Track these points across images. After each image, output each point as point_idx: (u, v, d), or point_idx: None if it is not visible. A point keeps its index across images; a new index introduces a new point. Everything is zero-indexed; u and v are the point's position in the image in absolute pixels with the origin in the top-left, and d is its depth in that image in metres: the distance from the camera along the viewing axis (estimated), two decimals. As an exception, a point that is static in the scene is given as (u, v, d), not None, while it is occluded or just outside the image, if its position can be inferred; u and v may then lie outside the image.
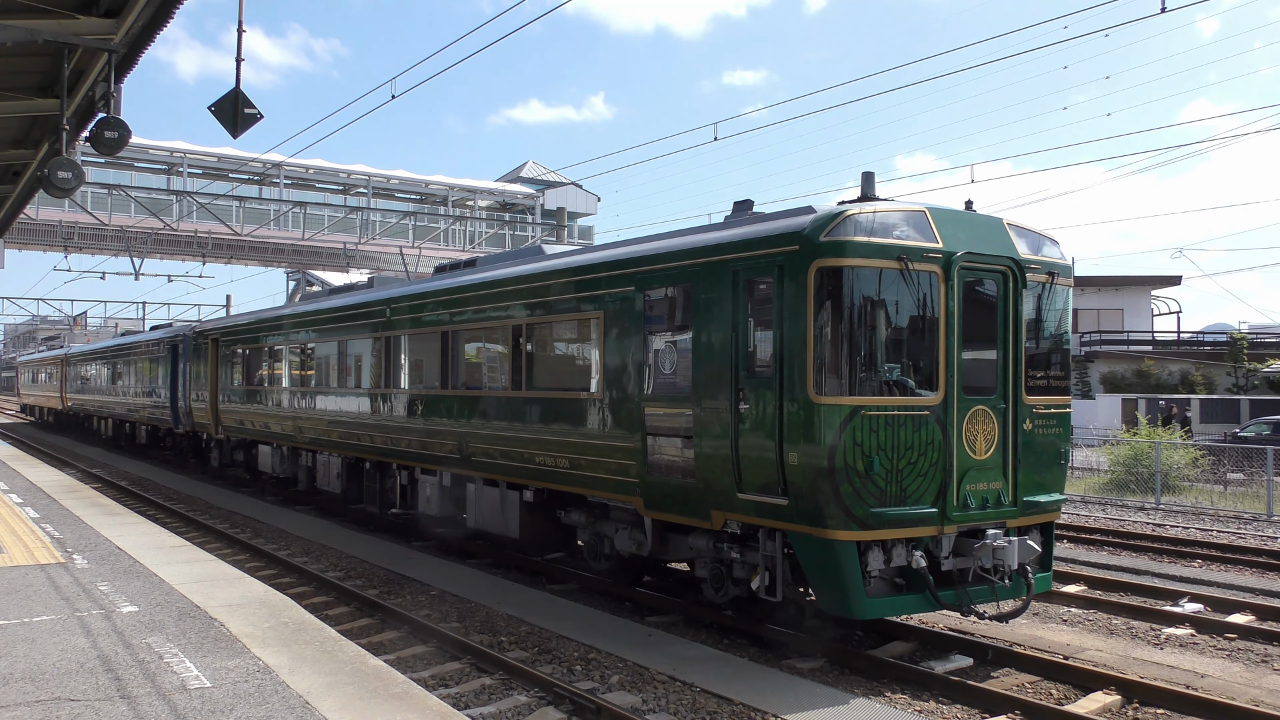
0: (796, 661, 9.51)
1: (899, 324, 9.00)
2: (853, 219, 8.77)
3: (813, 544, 8.81)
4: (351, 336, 17.67)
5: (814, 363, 8.71)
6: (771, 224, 9.49)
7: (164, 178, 44.60)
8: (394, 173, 49.19)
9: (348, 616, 11.34)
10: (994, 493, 9.28)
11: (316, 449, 19.29)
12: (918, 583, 9.01)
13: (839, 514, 8.59)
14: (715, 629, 10.69)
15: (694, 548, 10.53)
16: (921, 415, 8.89)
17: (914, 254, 8.86)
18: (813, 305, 8.73)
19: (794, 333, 8.88)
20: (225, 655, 7.09)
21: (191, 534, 17.40)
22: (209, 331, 25.67)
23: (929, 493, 8.91)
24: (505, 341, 13.18)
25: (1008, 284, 9.50)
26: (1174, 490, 24.10)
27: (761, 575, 9.49)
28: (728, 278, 9.60)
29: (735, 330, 9.50)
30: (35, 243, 37.13)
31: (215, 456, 26.23)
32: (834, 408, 8.61)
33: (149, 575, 10.09)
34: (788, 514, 8.96)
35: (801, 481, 8.78)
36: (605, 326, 11.18)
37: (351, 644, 7.74)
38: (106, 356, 38.93)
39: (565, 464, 11.85)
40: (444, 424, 14.40)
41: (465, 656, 9.50)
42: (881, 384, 8.88)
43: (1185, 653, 10.32)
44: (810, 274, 8.75)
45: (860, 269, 8.72)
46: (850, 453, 8.58)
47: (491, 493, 13.61)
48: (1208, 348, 47.85)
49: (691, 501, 10.03)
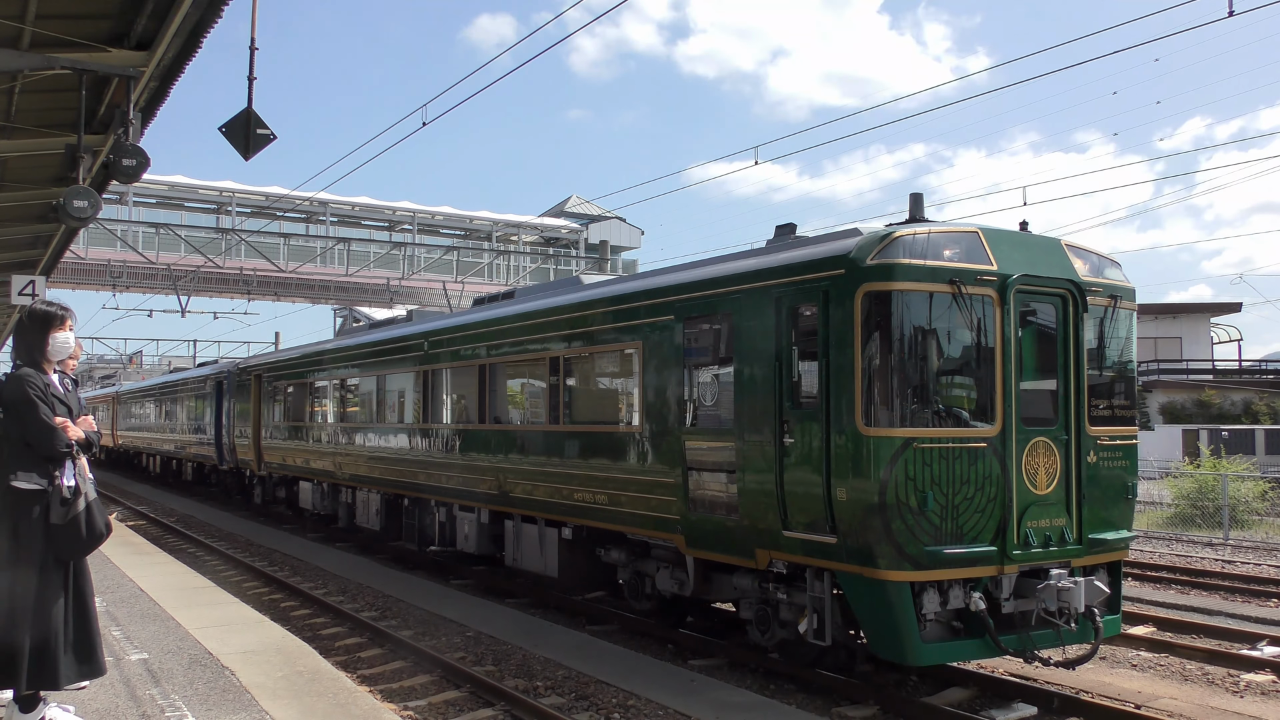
0: (847, 709, 9.00)
1: (952, 351, 8.53)
2: (901, 241, 8.34)
3: (863, 585, 8.31)
4: (389, 371, 17.46)
5: (863, 393, 8.25)
6: (815, 248, 9.08)
7: (213, 217, 45.21)
8: (438, 209, 49.38)
9: (380, 659, 11.04)
10: (1057, 530, 8.72)
11: (356, 485, 19.07)
12: (977, 626, 8.46)
13: (891, 553, 8.09)
14: (761, 673, 10.18)
15: (738, 588, 10.06)
16: (978, 448, 8.38)
17: (967, 277, 8.40)
18: (860, 332, 8.29)
19: (841, 361, 8.44)
20: (231, 709, 6.69)
21: (228, 572, 17.19)
22: (252, 368, 25.70)
23: (987, 530, 8.38)
24: (542, 374, 12.85)
25: (1067, 308, 8.99)
26: (1243, 525, 23.08)
27: (810, 618, 8.99)
28: (770, 305, 9.19)
29: (779, 359, 9.07)
30: (87, 282, 37.59)
31: (258, 493, 26.17)
32: (885, 440, 8.14)
33: (166, 619, 9.76)
34: (836, 553, 8.47)
35: (851, 518, 8.30)
36: (644, 357, 10.81)
37: (367, 696, 7.35)
38: (154, 394, 39.28)
39: (604, 500, 11.45)
40: (481, 459, 14.07)
41: (499, 703, 9.11)
42: (935, 415, 8.40)
43: (1269, 701, 9.62)
44: (857, 299, 8.32)
45: (910, 293, 8.27)
46: (903, 488, 8.09)
47: (530, 530, 13.23)
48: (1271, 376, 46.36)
49: (735, 540, 9.57)
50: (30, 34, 9.02)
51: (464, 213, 49.93)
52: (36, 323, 5.79)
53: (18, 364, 5.80)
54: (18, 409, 5.51)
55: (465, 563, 16.27)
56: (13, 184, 14.07)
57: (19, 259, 20.81)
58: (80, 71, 9.40)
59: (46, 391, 5.61)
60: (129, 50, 9.56)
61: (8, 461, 5.51)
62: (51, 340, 5.77)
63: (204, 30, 9.03)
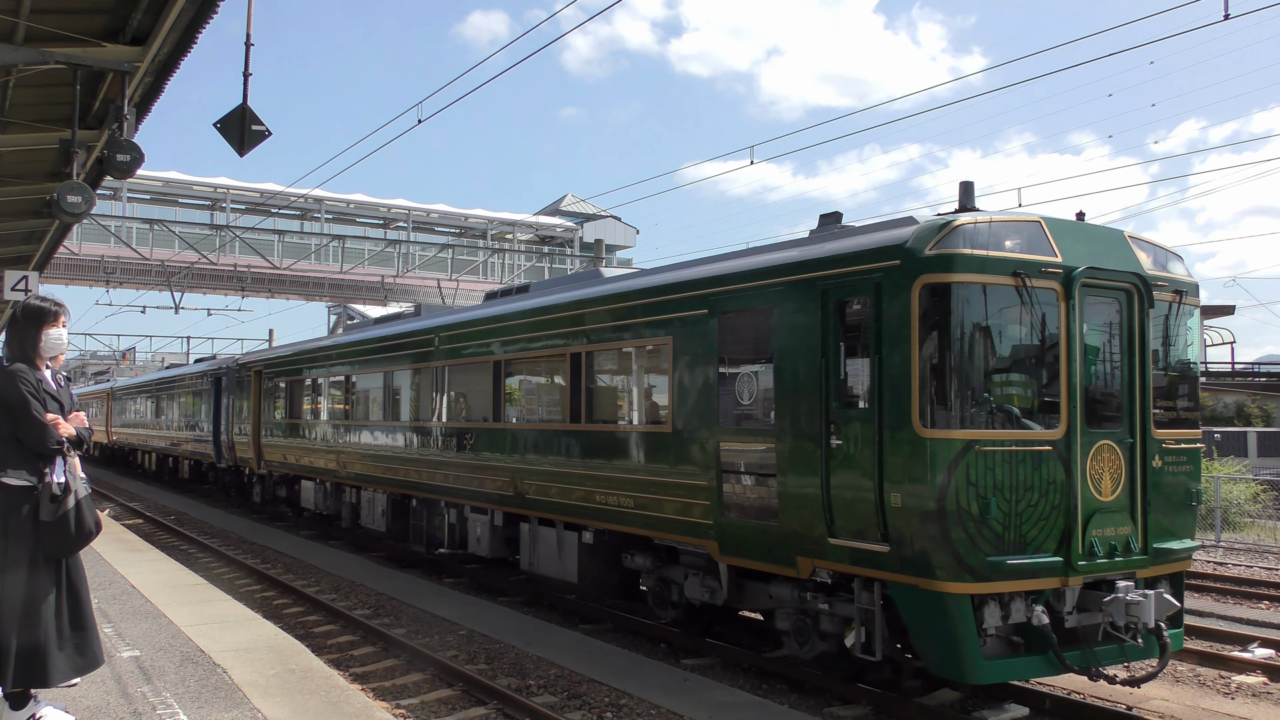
0: (839, 709, 8.95)
1: (1015, 348, 8.01)
2: (962, 230, 7.81)
3: (919, 597, 7.78)
4: (397, 367, 16.89)
5: (920, 392, 7.72)
6: (865, 238, 8.56)
7: (208, 213, 44.85)
8: (433, 206, 49.12)
9: (373, 657, 10.86)
10: (1123, 539, 8.20)
11: (360, 485, 18.50)
12: (1038, 641, 7.93)
13: (950, 563, 7.56)
14: (754, 673, 10.13)
15: (775, 597, 9.52)
16: (1042, 451, 7.86)
17: (1031, 269, 7.88)
18: (917, 327, 7.76)
19: (895, 359, 7.91)
20: (223, 706, 6.58)
21: (221, 570, 17.06)
22: (251, 364, 25.09)
23: (1051, 539, 7.86)
24: (563, 371, 12.30)
25: (1132, 304, 8.47)
26: (1234, 527, 22.88)
27: (857, 631, 8.45)
28: (815, 298, 8.66)
29: (825, 356, 8.54)
30: (80, 278, 37.24)
31: (257, 492, 25.57)
32: (944, 443, 7.61)
33: (158, 616, 9.61)
34: (888, 562, 7.95)
35: (905, 526, 7.77)
36: (675, 353, 10.27)
37: (360, 694, 7.28)
38: (150, 390, 38.65)
39: (629, 503, 10.91)
40: (496, 459, 13.52)
41: (492, 701, 8.97)
42: (997, 416, 7.87)
43: (1260, 703, 9.45)
44: (914, 292, 7.79)
45: (972, 286, 7.75)
46: (963, 494, 7.57)
47: (548, 534, 12.68)
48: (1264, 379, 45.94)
49: (774, 547, 9.04)
50: (25, 28, 8.95)
51: (459, 210, 49.76)
52: (30, 318, 5.74)
53: (8, 359, 5.74)
54: (9, 405, 5.45)
55: (480, 566, 15.73)
56: (6, 179, 14.07)
57: (12, 254, 20.87)
58: (75, 66, 9.32)
59: (39, 388, 5.56)
60: (124, 45, 9.51)
61: None
62: (45, 336, 5.73)
63: (199, 26, 8.94)
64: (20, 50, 9.09)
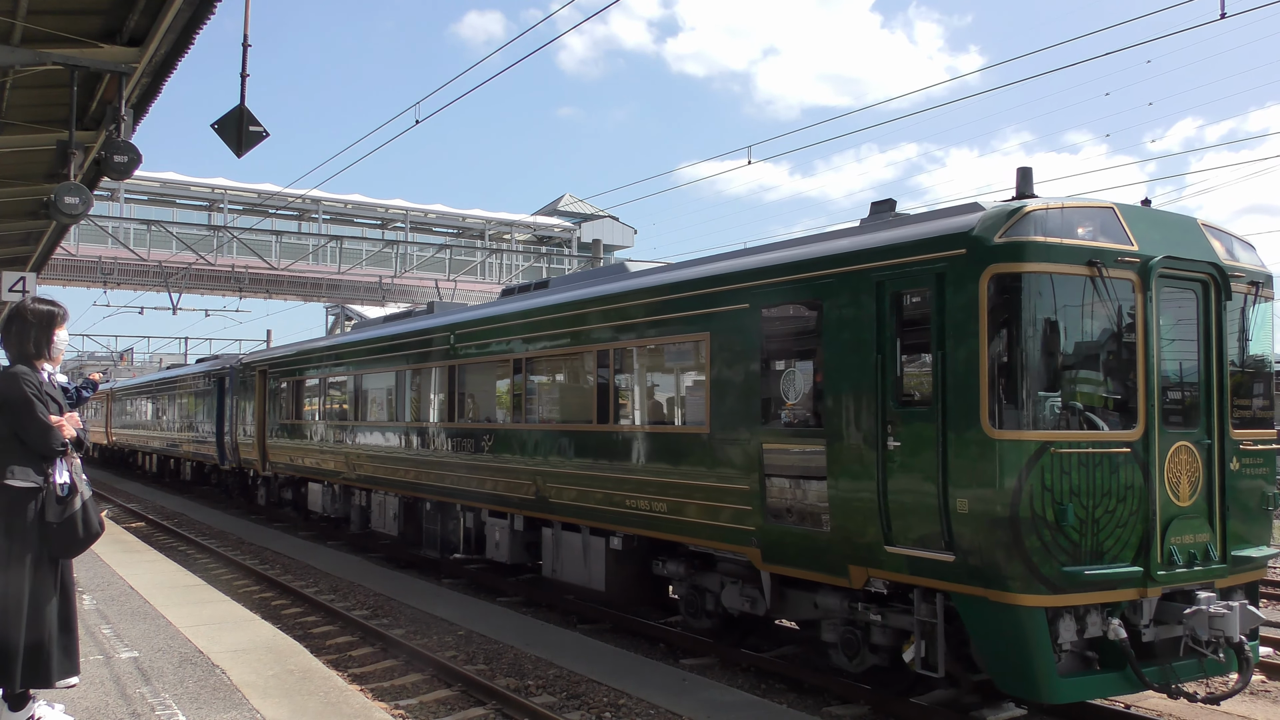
0: (838, 709, 8.93)
1: (1090, 343, 7.49)
2: (1033, 216, 7.30)
3: (988, 610, 7.26)
4: (410, 366, 16.35)
5: (988, 391, 7.20)
6: (925, 225, 8.03)
7: (205, 214, 44.59)
8: (431, 207, 48.89)
9: (371, 658, 10.83)
10: (1201, 546, 7.68)
11: (371, 488, 17.96)
12: (1114, 657, 7.42)
13: (1024, 574, 7.05)
14: (753, 673, 10.06)
15: (822, 607, 9.01)
16: (1120, 453, 7.34)
17: (1107, 258, 7.36)
18: (986, 321, 7.25)
19: (961, 354, 7.39)
20: (222, 707, 6.56)
21: (219, 570, 16.95)
22: (256, 363, 24.54)
23: (1129, 547, 7.35)
24: (589, 369, 11.77)
25: (1209, 295, 7.95)
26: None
27: (916, 645, 7.93)
28: (869, 290, 8.14)
29: (880, 352, 8.02)
30: (77, 279, 36.95)
31: (262, 494, 25.03)
32: (1017, 444, 7.09)
33: (156, 617, 9.57)
34: (953, 572, 7.43)
35: (973, 534, 7.26)
36: (713, 350, 9.75)
37: (358, 694, 7.27)
38: (151, 390, 38.09)
39: (662, 508, 10.38)
40: (517, 462, 12.98)
41: (490, 701, 8.95)
42: (1071, 416, 7.35)
43: (1258, 700, 9.21)
44: (983, 283, 7.27)
45: (1045, 276, 7.24)
46: (1038, 499, 7.05)
47: (572, 539, 12.16)
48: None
49: (823, 554, 8.53)
50: (21, 29, 8.93)
51: (457, 211, 49.57)
52: (42, 321, 5.75)
53: (10, 361, 5.75)
54: (13, 407, 5.45)
55: (501, 573, 15.21)
56: (4, 180, 14.08)
57: (10, 255, 20.88)
58: (72, 67, 9.31)
59: (41, 389, 5.58)
60: (121, 46, 9.50)
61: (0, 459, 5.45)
62: (56, 338, 5.79)
63: (196, 27, 8.88)
64: (17, 51, 9.09)
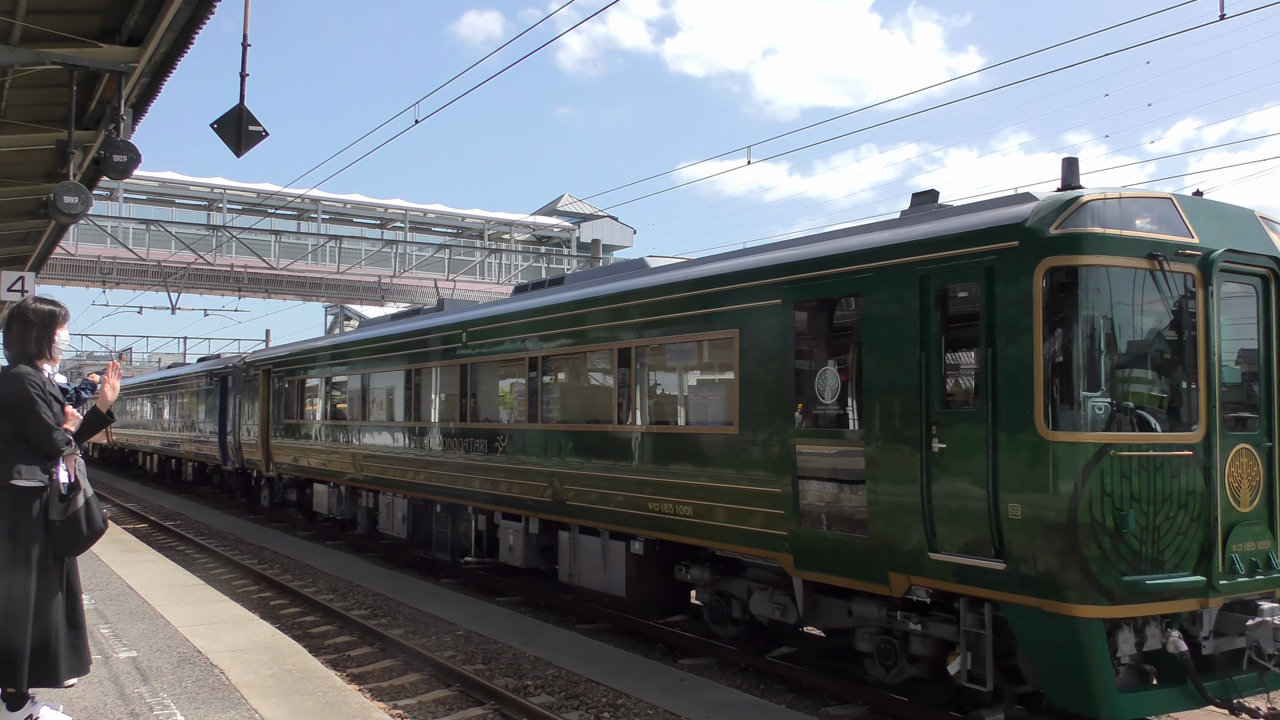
0: (836, 709, 8.88)
1: (1150, 341, 7.13)
2: (1091, 206, 6.93)
3: (1042, 621, 6.89)
4: (420, 365, 15.98)
5: (1044, 390, 6.84)
6: (972, 217, 7.67)
7: (204, 213, 44.37)
8: (430, 206, 48.73)
9: (370, 658, 10.80)
10: (1263, 554, 7.32)
11: (379, 489, 17.58)
12: (1173, 671, 7.06)
13: (1081, 583, 6.68)
14: (752, 673, 10.03)
15: (858, 615, 8.64)
16: (1181, 456, 6.99)
17: (1167, 251, 7.01)
18: (1041, 316, 6.88)
19: (1013, 352, 7.03)
20: (220, 707, 6.54)
21: (218, 570, 16.88)
22: (260, 362, 24.16)
23: (1189, 555, 6.99)
24: (609, 368, 11.40)
25: (1269, 290, 7.60)
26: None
27: (963, 657, 7.56)
28: (912, 284, 7.78)
29: (924, 349, 7.66)
30: (76, 278, 36.73)
31: (265, 495, 24.64)
32: (1074, 447, 6.73)
33: (155, 617, 9.54)
34: (1004, 581, 7.06)
35: (1026, 541, 6.89)
36: (742, 347, 9.38)
37: (357, 694, 7.26)
38: (153, 390, 37.71)
39: (687, 511, 10.01)
40: (533, 463, 12.61)
41: (489, 701, 8.92)
42: (1130, 416, 6.99)
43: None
44: (1037, 276, 6.91)
45: (1103, 269, 6.89)
46: (1098, 504, 6.69)
47: (591, 543, 11.79)
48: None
49: (861, 561, 8.16)
50: (21, 29, 8.91)
51: (456, 211, 49.41)
52: (45, 321, 5.75)
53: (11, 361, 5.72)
54: (17, 407, 5.44)
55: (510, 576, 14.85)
56: (3, 180, 14.03)
57: (9, 255, 20.77)
58: (71, 67, 9.29)
59: (44, 389, 5.58)
60: (120, 46, 9.48)
61: (2, 460, 5.42)
62: (57, 338, 5.80)
63: (195, 26, 8.86)
64: (16, 51, 9.06)
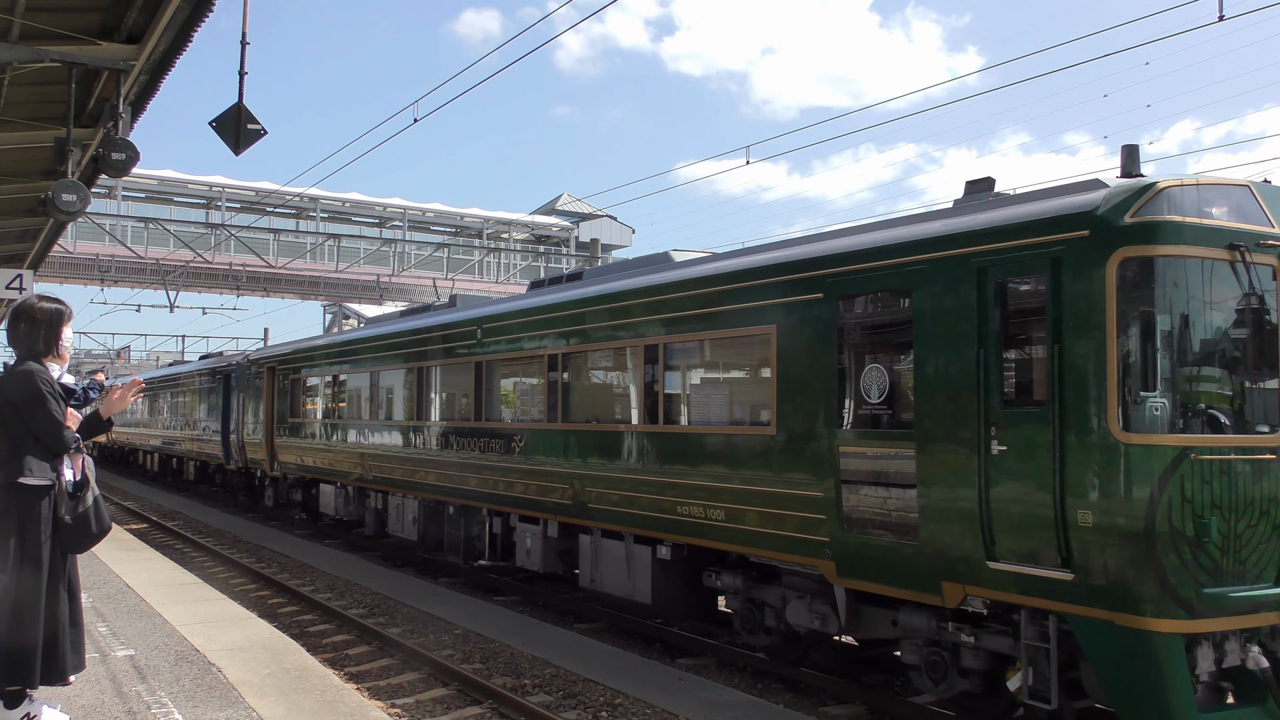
0: (834, 709, 8.85)
1: (1231, 336, 6.69)
2: (1168, 194, 6.50)
3: (1115, 636, 6.46)
4: (433, 363, 15.54)
5: (1119, 389, 6.40)
6: (1035, 205, 7.23)
7: (203, 212, 44.09)
8: (429, 205, 48.62)
9: (368, 656, 10.80)
10: (1346, 565, 6.88)
11: (388, 489, 17.13)
12: (1253, 688, 6.62)
13: (1159, 595, 6.25)
14: (749, 672, 10.04)
15: (904, 626, 8.21)
16: (1263, 460, 6.56)
17: (1249, 241, 6.57)
18: (1115, 310, 6.45)
19: (1083, 348, 6.59)
20: (218, 706, 6.51)
21: (216, 569, 16.86)
22: (265, 360, 23.71)
23: (1271, 565, 6.56)
24: (634, 366, 10.97)
25: (1349, 284, 7.15)
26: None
27: (1024, 672, 7.12)
28: (969, 277, 7.34)
29: (981, 345, 7.22)
30: (75, 276, 36.49)
31: (269, 495, 24.19)
32: (1153, 450, 6.30)
33: (152, 615, 9.50)
34: (1071, 592, 6.63)
35: (1098, 550, 6.46)
36: (780, 344, 8.94)
37: (355, 693, 7.25)
38: (154, 388, 37.27)
39: (719, 516, 9.58)
40: (552, 464, 12.17)
41: (487, 701, 8.91)
42: (1208, 417, 6.56)
43: None
44: (1110, 267, 6.47)
45: (1182, 261, 6.46)
46: (1178, 512, 6.26)
47: (614, 547, 11.35)
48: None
49: (911, 569, 7.72)
50: (20, 26, 8.89)
51: (455, 210, 49.24)
52: (49, 319, 5.73)
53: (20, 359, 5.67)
54: (29, 405, 5.42)
55: (528, 581, 14.42)
56: (1, 177, 13.92)
57: (7, 252, 20.71)
58: (70, 65, 9.28)
59: (54, 387, 5.56)
60: (119, 44, 9.46)
61: (9, 458, 5.39)
62: (64, 336, 5.80)
63: (195, 24, 8.84)
64: (15, 48, 9.03)
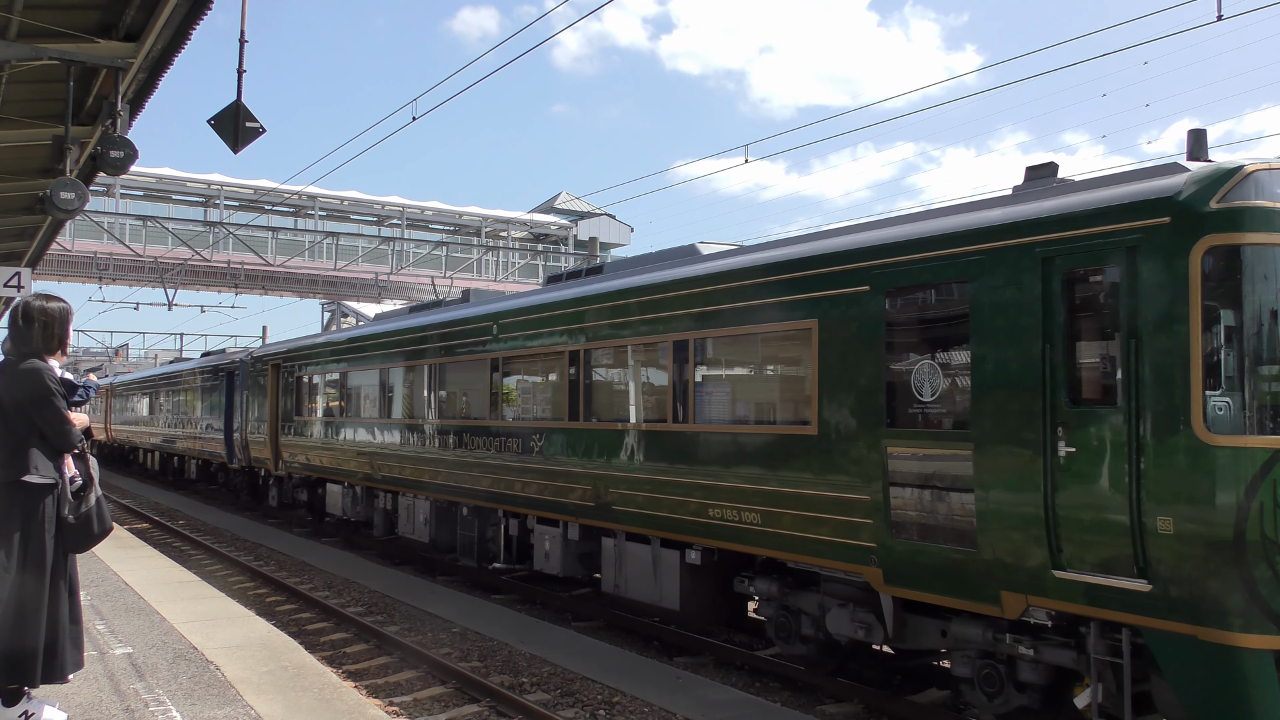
0: (831, 707, 8.91)
1: (1323, 330, 6.25)
2: (1256, 178, 6.08)
3: (1196, 651, 6.03)
4: (446, 359, 15.09)
5: (1203, 386, 5.97)
6: (1105, 191, 6.79)
7: (201, 210, 43.80)
8: (427, 204, 48.36)
9: (366, 655, 10.82)
10: None
11: (398, 490, 16.69)
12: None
13: (1248, 609, 5.83)
14: (747, 671, 10.04)
15: (954, 637, 7.78)
16: (1356, 463, 6.11)
17: None
18: (1199, 302, 6.01)
19: (1163, 343, 6.16)
20: (216, 703, 6.51)
21: (214, 567, 16.88)
22: (269, 357, 23.25)
23: (1363, 576, 6.11)
24: (663, 362, 10.52)
25: None
26: None
27: (1094, 689, 6.69)
28: (1033, 268, 6.91)
29: (1047, 340, 6.79)
30: (73, 274, 36.26)
31: (274, 495, 23.74)
32: (1244, 453, 5.87)
33: (150, 613, 9.50)
34: (1148, 604, 6.20)
35: (1179, 559, 6.03)
36: (821, 339, 8.51)
37: (352, 691, 7.25)
38: (154, 386, 36.80)
39: (754, 519, 9.14)
40: (573, 464, 11.73)
41: (485, 699, 8.95)
42: (1299, 417, 6.13)
43: None
44: (1194, 257, 6.04)
45: (1273, 250, 6.03)
46: (1270, 519, 5.83)
47: (639, 551, 10.91)
48: None
49: (967, 578, 7.29)
50: (18, 24, 8.86)
51: (453, 208, 48.93)
52: (54, 317, 5.71)
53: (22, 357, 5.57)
54: (36, 403, 5.38)
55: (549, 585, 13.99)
56: None
57: (5, 250, 20.52)
58: (68, 62, 9.26)
59: (60, 384, 5.54)
60: (117, 41, 9.43)
61: (13, 456, 5.32)
62: (67, 334, 5.79)
63: (193, 22, 8.83)
64: (13, 46, 9.01)
